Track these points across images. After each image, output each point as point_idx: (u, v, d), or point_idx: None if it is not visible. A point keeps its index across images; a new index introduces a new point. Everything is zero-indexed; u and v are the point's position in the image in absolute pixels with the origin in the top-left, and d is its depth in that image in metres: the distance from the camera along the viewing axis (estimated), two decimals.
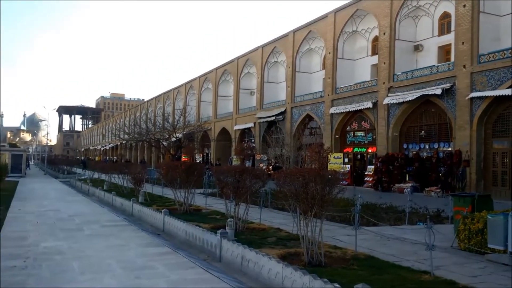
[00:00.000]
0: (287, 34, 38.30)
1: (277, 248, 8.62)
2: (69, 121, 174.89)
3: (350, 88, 30.75)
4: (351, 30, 32.15)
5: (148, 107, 75.14)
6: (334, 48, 32.28)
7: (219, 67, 51.24)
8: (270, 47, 41.24)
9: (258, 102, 42.40)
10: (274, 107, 39.35)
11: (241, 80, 46.57)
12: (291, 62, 37.45)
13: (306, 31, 36.12)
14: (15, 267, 7.19)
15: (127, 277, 6.80)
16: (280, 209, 14.47)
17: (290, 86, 37.52)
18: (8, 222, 12.27)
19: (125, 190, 22.71)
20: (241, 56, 46.41)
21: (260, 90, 42.16)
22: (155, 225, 12.78)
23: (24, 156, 45.00)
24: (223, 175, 11.97)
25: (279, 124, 36.82)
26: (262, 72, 42.10)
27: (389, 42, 27.34)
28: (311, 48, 37.34)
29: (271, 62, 41.89)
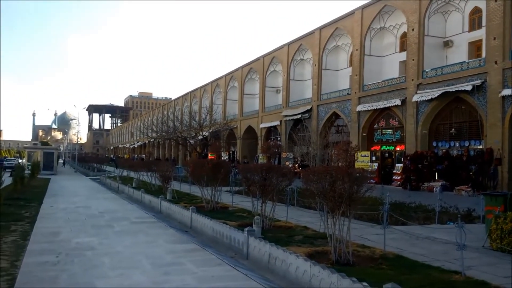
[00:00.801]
0: (313, 31, 38.08)
1: (304, 246, 8.61)
2: (98, 119, 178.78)
3: (377, 85, 30.37)
4: (378, 26, 31.72)
5: (175, 105, 75.96)
6: (361, 45, 31.92)
7: (245, 65, 51.36)
8: (296, 45, 41.08)
9: (284, 100, 42.32)
10: (300, 105, 39.20)
11: (267, 78, 46.56)
12: (317, 59, 37.21)
13: (332, 28, 35.83)
14: (47, 263, 7.37)
15: (156, 273, 6.90)
16: (307, 207, 14.41)
17: (316, 83, 37.31)
18: (40, 218, 12.59)
19: (153, 187, 23.04)
20: (267, 54, 46.39)
21: (286, 88, 42.07)
22: (183, 222, 12.92)
23: (55, 154, 46.14)
24: (249, 173, 12.00)
25: (305, 122, 36.67)
26: (288, 70, 41.99)
27: (418, 38, 26.85)
28: (337, 45, 37.02)
29: (297, 59, 41.74)
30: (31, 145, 63.31)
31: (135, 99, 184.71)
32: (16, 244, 8.82)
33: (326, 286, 5.79)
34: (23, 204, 15.79)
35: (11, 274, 6.54)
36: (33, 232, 10.33)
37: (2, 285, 5.98)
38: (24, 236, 9.78)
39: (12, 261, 7.38)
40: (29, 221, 12.03)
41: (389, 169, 29.10)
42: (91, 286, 6.10)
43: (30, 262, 7.33)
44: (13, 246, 8.68)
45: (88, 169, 52.47)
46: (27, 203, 16.18)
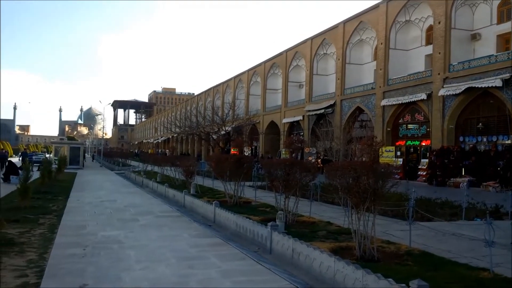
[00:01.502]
0: (337, 25, 37.71)
1: (328, 242, 8.55)
2: (123, 115, 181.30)
3: (403, 80, 29.91)
4: (404, 19, 31.19)
5: (198, 101, 76.42)
6: (386, 39, 31.45)
7: (267, 60, 51.25)
8: (319, 39, 40.76)
9: (307, 94, 42.10)
10: (323, 99, 38.93)
11: (289, 73, 46.37)
12: (341, 53, 36.85)
13: (356, 22, 35.41)
14: (75, 255, 7.51)
15: (181, 266, 6.97)
16: (330, 202, 14.34)
17: (339, 78, 36.97)
18: (67, 212, 12.84)
19: (177, 182, 23.25)
20: (289, 49, 46.17)
21: (309, 82, 41.82)
22: (206, 217, 13.00)
23: (81, 149, 46.98)
24: (272, 168, 11.98)
25: (328, 117, 36.39)
26: (311, 65, 41.73)
27: (445, 31, 26.30)
28: (361, 39, 36.58)
29: (320, 54, 41.42)
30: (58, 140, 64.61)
31: (159, 95, 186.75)
32: (44, 237, 9.01)
33: (351, 282, 5.75)
34: (50, 197, 16.11)
35: (40, 266, 6.69)
36: (61, 225, 10.53)
37: (31, 277, 6.11)
38: (51, 229, 9.98)
39: (40, 253, 7.54)
40: (57, 214, 12.28)
41: (414, 164, 28.68)
42: (117, 279, 6.18)
43: (58, 255, 7.48)
44: (41, 238, 8.87)
45: (113, 163, 53.26)
46: (55, 197, 16.52)
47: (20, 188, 13.27)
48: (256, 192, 17.35)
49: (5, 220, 8.92)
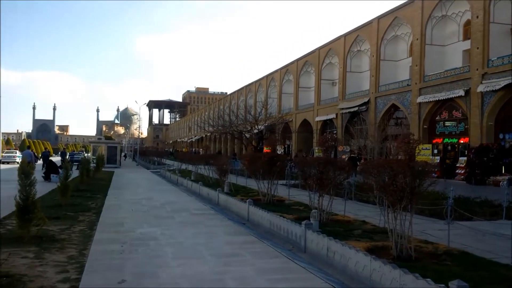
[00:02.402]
0: (371, 21, 37.14)
1: (363, 241, 8.46)
2: (158, 114, 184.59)
3: (439, 76, 29.17)
4: (440, 14, 30.41)
5: (231, 100, 76.85)
6: (422, 34, 30.74)
7: (300, 58, 51.02)
8: (353, 36, 40.25)
9: (340, 92, 41.67)
10: (357, 97, 38.44)
11: (322, 71, 46.00)
12: (375, 50, 36.28)
13: (391, 18, 34.76)
14: (113, 251, 7.69)
15: (216, 263, 7.04)
16: (365, 201, 14.17)
17: (374, 75, 36.41)
18: (106, 209, 13.14)
19: (210, 180, 23.47)
20: (322, 46, 45.80)
21: (343, 80, 41.37)
22: (240, 215, 13.07)
23: (118, 148, 48.05)
24: (306, 166, 11.93)
25: (362, 114, 35.91)
26: (344, 62, 41.26)
27: (483, 25, 25.47)
28: (396, 35, 35.89)
29: (354, 51, 40.90)
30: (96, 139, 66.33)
31: (192, 94, 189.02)
32: (84, 234, 9.26)
33: (388, 281, 5.67)
34: (89, 195, 16.55)
35: (80, 262, 6.87)
36: (99, 222, 10.79)
37: (71, 272, 6.28)
38: (91, 226, 10.25)
39: (80, 250, 7.75)
40: (95, 211, 12.60)
41: (451, 162, 27.96)
42: (155, 275, 6.30)
43: (97, 251, 7.67)
44: (81, 235, 9.11)
45: (148, 162, 54.27)
46: (93, 194, 16.96)
47: (61, 186, 13.70)
48: (290, 190, 17.33)
49: (47, 217, 9.20)
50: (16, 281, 5.70)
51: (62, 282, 5.83)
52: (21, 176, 8.32)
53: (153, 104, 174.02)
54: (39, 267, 6.48)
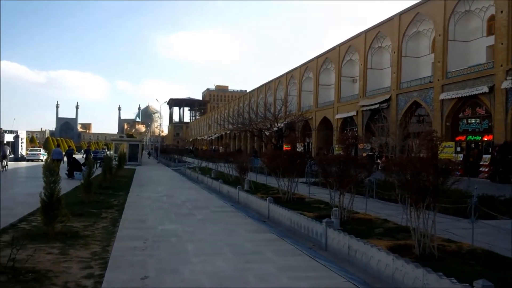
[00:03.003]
0: (393, 17, 36.68)
1: (385, 240, 8.38)
2: (178, 112, 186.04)
3: (462, 72, 28.65)
4: (463, 9, 29.84)
5: (250, 97, 76.92)
6: (445, 30, 30.23)
7: (320, 55, 50.72)
8: (373, 32, 39.83)
9: (360, 89, 41.29)
10: (378, 94, 38.05)
11: (342, 68, 45.65)
12: (397, 46, 35.83)
13: (413, 14, 34.27)
14: (136, 248, 7.78)
15: (238, 260, 7.06)
16: (387, 199, 14.02)
17: (395, 71, 35.96)
18: (128, 206, 13.30)
19: (230, 178, 23.54)
20: (342, 43, 45.44)
21: (363, 77, 40.99)
22: (260, 212, 13.09)
23: (140, 146, 48.58)
24: (327, 164, 11.87)
25: (383, 112, 35.52)
26: (365, 59, 40.87)
27: (508, 20, 24.90)
28: (418, 31, 35.36)
29: (374, 47, 40.47)
30: (118, 137, 67.22)
31: (212, 92, 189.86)
32: (107, 230, 9.40)
33: (410, 280, 5.60)
34: (111, 193, 16.78)
35: (103, 258, 6.98)
36: (122, 219, 10.92)
37: (95, 268, 6.39)
38: (113, 222, 10.39)
39: (103, 246, 7.86)
40: (118, 208, 12.76)
41: (475, 160, 27.45)
42: (177, 271, 6.36)
43: (120, 247, 7.78)
44: (104, 232, 9.25)
45: (169, 160, 54.75)
46: (116, 192, 17.19)
47: (84, 183, 13.94)
48: (310, 188, 17.26)
49: (71, 214, 9.38)
50: (42, 277, 5.81)
51: (86, 278, 5.92)
52: (45, 173, 8.48)
53: (173, 102, 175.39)
54: (63, 263, 6.60)
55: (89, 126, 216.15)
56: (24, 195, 15.96)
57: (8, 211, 11.72)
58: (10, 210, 11.91)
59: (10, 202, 13.85)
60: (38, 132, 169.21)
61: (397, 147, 25.22)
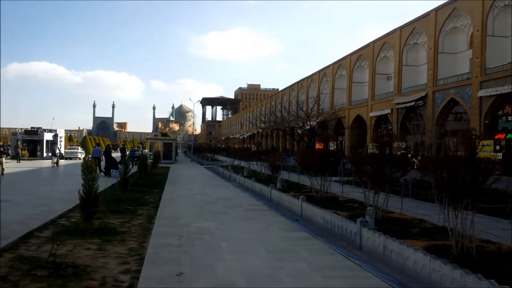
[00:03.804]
0: (429, 13, 35.82)
1: (422, 240, 8.20)
2: (211, 111, 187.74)
3: (502, 68, 27.71)
4: (502, 4, 28.84)
5: (282, 96, 76.78)
6: (483, 25, 29.29)
7: (353, 52, 50.11)
8: (409, 28, 39.02)
9: (395, 87, 40.55)
10: (413, 91, 37.26)
11: (377, 65, 44.93)
12: (433, 42, 34.98)
13: (450, 9, 33.37)
14: (171, 245, 7.91)
15: (271, 258, 7.08)
16: (423, 199, 13.74)
17: (431, 68, 35.13)
18: (163, 204, 13.52)
19: (263, 176, 23.58)
20: (377, 40, 44.73)
21: (398, 74, 40.23)
22: (293, 211, 13.07)
23: (174, 145, 49.29)
24: (361, 162, 11.71)
25: (419, 109, 34.76)
26: (400, 55, 40.09)
27: None
28: (455, 27, 34.41)
29: (410, 44, 39.64)
30: (152, 136, 68.44)
31: (244, 91, 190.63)
32: (143, 227, 9.59)
33: (448, 282, 5.48)
34: (147, 190, 17.08)
35: (139, 254, 7.12)
36: (157, 216, 11.12)
37: (132, 264, 6.53)
38: (149, 219, 10.59)
39: (140, 242, 8.03)
40: (153, 206, 12.99)
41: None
42: (211, 268, 6.42)
43: (156, 244, 7.92)
44: (140, 228, 9.44)
45: (202, 158, 55.29)
46: (151, 189, 17.50)
47: (120, 181, 14.26)
48: (343, 187, 17.11)
49: (108, 210, 9.62)
50: (81, 272, 5.99)
51: (123, 273, 6.07)
52: (84, 171, 8.72)
53: (206, 101, 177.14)
54: (101, 258, 6.78)
55: (125, 125, 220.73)
56: (62, 192, 16.47)
57: (48, 207, 12.15)
58: (49, 206, 12.34)
59: (50, 199, 14.35)
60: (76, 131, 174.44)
61: (434, 145, 24.69)
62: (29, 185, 20.21)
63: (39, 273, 5.84)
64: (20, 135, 48.42)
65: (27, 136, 48.36)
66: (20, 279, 5.58)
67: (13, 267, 6.09)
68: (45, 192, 17.03)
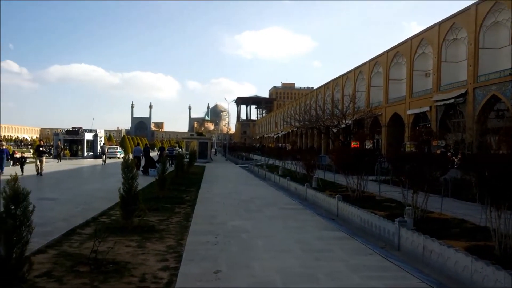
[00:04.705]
0: (469, 7, 34.71)
1: (463, 240, 8.00)
2: (245, 111, 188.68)
3: None
4: None
5: (317, 94, 76.18)
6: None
7: (390, 49, 49.16)
8: (448, 24, 37.94)
9: (434, 84, 39.53)
10: (453, 88, 36.22)
11: (414, 62, 43.90)
12: (473, 38, 33.87)
13: (491, 3, 32.23)
14: (208, 242, 8.02)
15: (307, 258, 7.06)
16: (464, 199, 13.37)
17: (472, 64, 34.04)
18: (199, 202, 13.73)
19: (298, 175, 23.52)
20: (414, 36, 43.73)
21: (437, 70, 39.19)
22: (329, 210, 12.98)
23: (209, 144, 49.85)
24: (399, 161, 11.52)
25: (459, 107, 33.77)
26: (439, 51, 39.04)
27: None
28: (497, 21, 33.18)
29: (449, 39, 38.53)
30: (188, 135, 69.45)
31: (279, 90, 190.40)
32: (180, 225, 9.76)
33: (491, 283, 5.33)
34: (184, 189, 17.36)
35: (178, 252, 7.26)
36: (194, 214, 11.29)
37: (170, 261, 6.66)
38: (186, 217, 10.77)
39: (178, 240, 8.18)
40: (190, 204, 13.21)
41: None
42: (248, 267, 6.47)
43: (193, 241, 8.05)
44: (178, 226, 9.61)
45: (237, 157, 55.64)
46: (187, 188, 17.78)
47: (158, 180, 14.56)
48: (380, 186, 16.85)
49: (147, 208, 9.85)
50: (122, 268, 6.15)
51: (162, 270, 6.20)
52: (124, 170, 8.96)
53: (240, 100, 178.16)
54: (141, 255, 6.95)
55: (162, 125, 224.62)
56: (102, 190, 16.95)
57: (88, 205, 12.55)
58: (90, 204, 12.76)
59: (90, 197, 14.80)
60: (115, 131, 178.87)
61: (474, 143, 23.96)
62: (71, 183, 20.92)
63: (81, 269, 6.03)
64: (61, 135, 50.12)
65: (68, 136, 49.99)
66: (63, 275, 5.78)
67: (57, 263, 6.31)
68: (87, 190, 17.59)
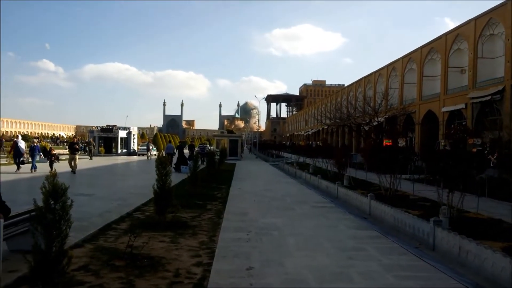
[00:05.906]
0: (506, 2, 33.58)
1: (500, 241, 7.78)
2: (275, 108, 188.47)
3: None
4: None
5: (348, 92, 75.29)
6: None
7: (424, 45, 48.08)
8: (485, 19, 36.80)
9: (470, 80, 38.44)
10: (489, 85, 35.13)
11: (449, 58, 42.80)
12: (511, 33, 32.76)
13: None
14: (240, 239, 8.07)
15: (340, 256, 7.01)
16: (501, 198, 12.99)
17: (509, 60, 32.92)
18: (231, 199, 13.83)
19: (329, 173, 23.35)
20: (449, 32, 42.63)
21: (473, 67, 38.08)
22: (361, 209, 12.85)
23: (239, 142, 50.11)
24: (434, 160, 11.29)
25: (496, 104, 32.74)
26: (475, 47, 37.94)
27: None
28: None
29: (485, 35, 37.37)
30: (219, 133, 70.00)
31: (309, 88, 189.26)
32: (212, 221, 9.86)
33: None
34: (215, 186, 17.53)
35: (210, 248, 7.34)
36: (226, 211, 11.39)
37: (203, 257, 6.75)
38: (218, 214, 10.87)
39: (210, 236, 8.27)
40: (221, 201, 13.32)
41: None
42: (280, 264, 6.48)
43: (226, 238, 8.12)
44: (210, 223, 9.71)
45: (267, 155, 55.70)
46: (219, 185, 17.94)
47: (190, 177, 14.74)
48: (414, 185, 16.55)
49: (180, 205, 9.99)
50: (156, 263, 6.27)
51: (195, 265, 6.29)
52: (158, 166, 9.11)
53: (271, 98, 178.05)
54: (175, 250, 7.07)
55: (193, 122, 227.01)
56: (136, 187, 17.28)
57: (123, 201, 12.82)
58: (124, 200, 13.02)
59: (124, 193, 15.12)
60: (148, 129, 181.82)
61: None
62: (106, 179, 21.42)
63: (117, 263, 6.18)
64: (96, 132, 51.33)
65: (103, 133, 51.13)
66: (100, 269, 5.94)
67: (94, 257, 6.49)
68: (122, 186, 17.98)
